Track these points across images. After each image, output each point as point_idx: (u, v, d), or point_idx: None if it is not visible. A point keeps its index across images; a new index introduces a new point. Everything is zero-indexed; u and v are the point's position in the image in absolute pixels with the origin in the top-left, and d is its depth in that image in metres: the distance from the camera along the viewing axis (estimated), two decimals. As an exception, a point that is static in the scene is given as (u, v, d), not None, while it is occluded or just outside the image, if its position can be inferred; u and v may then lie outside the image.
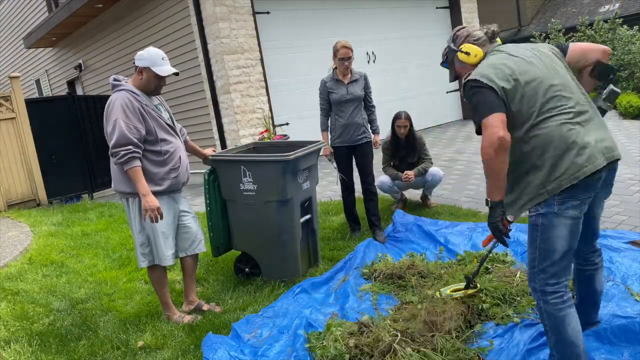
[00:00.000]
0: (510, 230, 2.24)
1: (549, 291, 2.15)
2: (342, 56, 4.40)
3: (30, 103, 8.30)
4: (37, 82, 14.26)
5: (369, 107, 4.61)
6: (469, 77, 2.24)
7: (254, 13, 7.96)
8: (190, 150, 3.59)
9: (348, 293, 3.39)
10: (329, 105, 4.52)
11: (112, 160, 3.10)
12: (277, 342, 2.87)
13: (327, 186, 6.71)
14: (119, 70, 10.14)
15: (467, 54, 2.36)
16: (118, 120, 3.02)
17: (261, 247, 3.80)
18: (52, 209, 7.43)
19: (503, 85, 2.14)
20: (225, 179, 3.75)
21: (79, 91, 12.06)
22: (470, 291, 3.01)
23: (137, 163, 3.04)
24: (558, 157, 2.08)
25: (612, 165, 2.15)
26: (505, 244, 2.26)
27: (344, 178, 4.50)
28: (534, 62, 2.22)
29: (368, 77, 4.61)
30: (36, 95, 14.26)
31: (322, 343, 2.68)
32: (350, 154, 4.53)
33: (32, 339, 3.23)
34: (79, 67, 11.64)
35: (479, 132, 2.18)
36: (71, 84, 12.57)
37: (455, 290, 3.07)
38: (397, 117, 5.07)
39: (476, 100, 2.18)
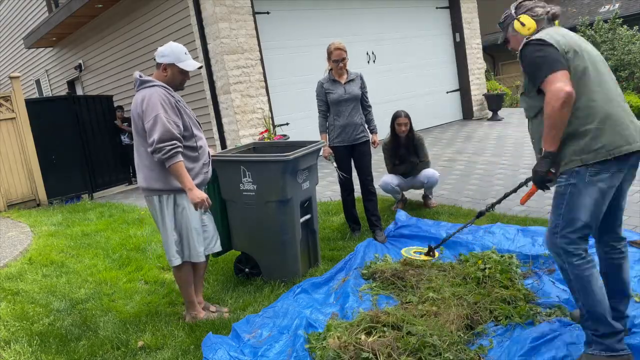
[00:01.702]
0: (552, 180, 2.35)
1: (576, 254, 2.26)
2: (336, 58, 4.42)
3: (30, 103, 8.31)
4: (37, 82, 14.26)
5: (365, 107, 4.62)
6: (530, 39, 2.33)
7: (254, 13, 7.96)
8: None
9: (348, 293, 3.38)
10: (327, 107, 4.52)
11: (155, 156, 2.96)
12: (277, 343, 2.87)
13: (327, 186, 6.71)
14: (119, 70, 10.15)
15: (523, 24, 2.48)
16: (159, 116, 2.95)
17: (261, 247, 3.80)
18: (52, 209, 7.43)
19: (563, 47, 2.25)
20: (225, 179, 3.74)
21: (79, 91, 12.06)
22: (424, 257, 3.63)
23: (181, 158, 2.99)
24: (600, 130, 2.20)
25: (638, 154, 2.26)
26: (545, 189, 2.40)
27: (345, 176, 4.50)
28: (587, 45, 2.38)
29: (364, 77, 4.64)
30: (36, 95, 14.25)
31: (322, 344, 2.68)
32: (349, 153, 4.53)
33: (32, 339, 3.22)
34: (79, 67, 11.65)
35: (540, 90, 2.27)
36: (71, 84, 12.57)
37: (416, 252, 3.71)
38: (396, 116, 5.07)
39: (540, 56, 2.25)
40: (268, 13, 8.25)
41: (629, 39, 11.67)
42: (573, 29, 13.00)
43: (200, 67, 3.25)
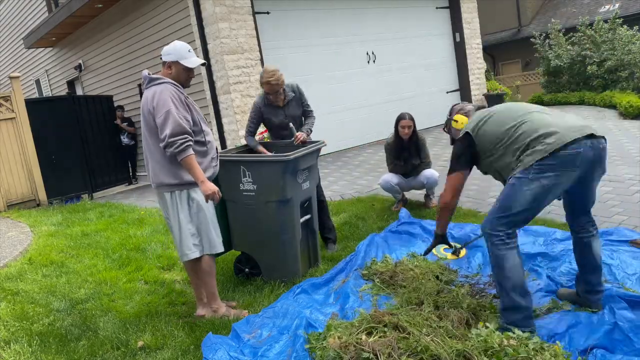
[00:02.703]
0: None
1: (495, 235, 2.63)
2: (268, 92, 4.12)
3: (30, 103, 8.31)
4: (37, 82, 14.25)
5: (306, 115, 4.35)
6: (459, 135, 2.95)
7: (254, 13, 7.96)
8: None
9: (348, 294, 3.38)
10: (257, 127, 4.27)
11: (168, 150, 3.02)
12: (277, 343, 2.86)
13: (327, 186, 6.71)
14: (119, 70, 10.14)
15: (456, 121, 3.13)
16: (170, 111, 3.02)
17: (261, 247, 3.80)
18: (52, 209, 7.43)
19: (474, 130, 2.81)
20: (225, 178, 3.74)
21: (79, 91, 12.06)
22: (450, 256, 3.67)
23: (192, 151, 3.06)
24: (535, 139, 2.60)
25: (591, 142, 2.54)
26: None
27: None
28: (503, 106, 2.92)
29: (300, 87, 4.35)
30: (36, 95, 14.25)
31: (322, 344, 2.68)
32: None
33: (32, 339, 3.22)
34: (78, 67, 11.64)
35: (472, 158, 2.91)
36: (71, 84, 12.57)
37: (445, 249, 3.67)
38: (401, 118, 5.07)
39: (454, 152, 2.94)
40: (268, 13, 8.25)
41: (629, 39, 11.64)
42: (573, 29, 13.00)
43: (204, 64, 3.32)
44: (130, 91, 9.88)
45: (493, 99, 10.96)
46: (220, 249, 3.32)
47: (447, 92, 11.05)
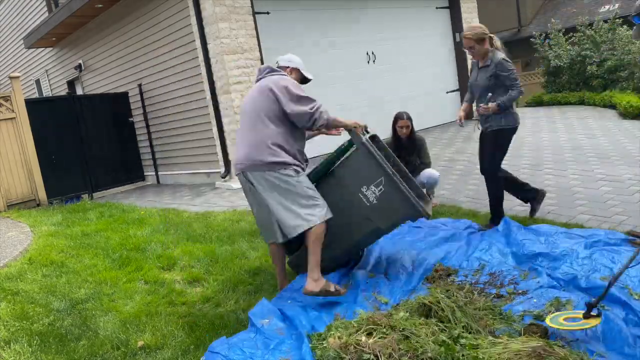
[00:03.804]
0: None
1: None
2: (464, 46, 4.45)
3: (30, 103, 8.31)
4: (37, 82, 14.25)
5: (510, 87, 4.44)
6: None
7: (254, 13, 7.95)
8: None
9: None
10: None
11: (315, 117, 3.32)
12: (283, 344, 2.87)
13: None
14: (119, 70, 10.14)
15: None
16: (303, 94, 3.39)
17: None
18: (52, 209, 7.43)
19: None
20: (353, 170, 3.48)
21: (79, 91, 12.05)
22: (592, 321, 2.45)
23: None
24: None
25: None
26: None
27: None
28: None
29: (505, 65, 4.35)
30: (36, 95, 14.24)
31: (323, 344, 2.68)
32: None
33: (32, 339, 3.22)
34: (79, 67, 11.64)
35: None
36: (71, 84, 12.56)
37: (567, 318, 2.55)
38: (398, 118, 5.06)
39: None
40: (268, 13, 8.25)
41: (629, 39, 11.65)
42: (573, 29, 13.00)
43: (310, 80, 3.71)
44: (130, 91, 9.87)
45: (493, 99, 10.95)
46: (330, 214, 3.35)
47: (447, 92, 11.05)
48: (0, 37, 15.69)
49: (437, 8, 10.91)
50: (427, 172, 5.11)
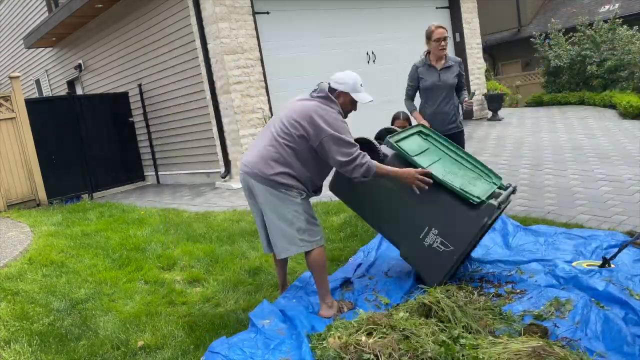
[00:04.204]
0: None
1: None
2: (438, 36, 4.20)
3: (30, 103, 8.31)
4: (37, 82, 14.25)
5: (461, 87, 4.47)
6: None
7: (254, 13, 7.96)
8: None
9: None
10: (415, 91, 4.44)
11: (352, 168, 3.03)
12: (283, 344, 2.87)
13: (326, 186, 6.71)
14: (119, 70, 10.14)
15: None
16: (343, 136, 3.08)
17: None
18: (52, 209, 7.43)
19: None
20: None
21: (79, 91, 12.05)
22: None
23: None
24: None
25: None
26: None
27: None
28: None
29: (462, 64, 4.47)
30: (36, 95, 14.24)
31: (322, 344, 2.68)
32: None
33: (32, 339, 3.22)
34: (78, 67, 11.64)
35: None
36: (71, 84, 12.56)
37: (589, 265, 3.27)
38: (395, 118, 5.04)
39: None
40: (268, 13, 8.25)
41: (629, 39, 11.65)
42: (573, 29, 13.00)
43: (371, 101, 3.25)
44: (130, 91, 9.88)
45: (493, 99, 10.96)
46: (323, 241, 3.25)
47: (447, 92, 11.05)
48: (0, 37, 15.69)
49: (437, 8, 10.91)
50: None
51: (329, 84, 3.23)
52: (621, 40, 11.75)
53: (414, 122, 5.15)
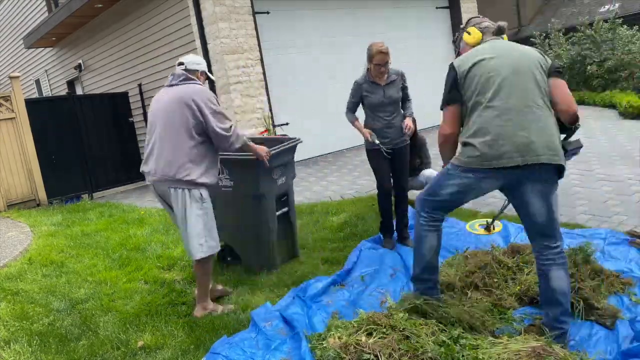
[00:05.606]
0: None
1: (422, 214, 2.77)
2: (378, 62, 4.06)
3: (30, 103, 8.31)
4: (37, 82, 14.25)
5: (407, 98, 4.43)
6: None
7: (254, 13, 7.96)
8: None
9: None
10: (356, 106, 4.30)
11: (232, 140, 3.25)
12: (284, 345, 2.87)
13: (327, 186, 6.72)
14: (119, 70, 10.14)
15: (469, 34, 2.82)
16: (221, 109, 3.34)
17: (239, 238, 4.05)
18: (52, 209, 7.43)
19: (461, 73, 2.65)
20: None
21: (79, 91, 12.06)
22: (482, 232, 3.88)
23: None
24: (479, 144, 2.50)
25: (531, 168, 2.48)
26: None
27: (387, 151, 4.20)
28: (501, 58, 2.58)
29: (405, 74, 4.43)
30: (36, 95, 14.25)
31: (322, 344, 2.68)
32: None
33: (32, 339, 3.23)
34: (78, 67, 11.64)
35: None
36: (71, 84, 12.57)
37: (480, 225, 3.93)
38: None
39: (446, 82, 2.80)
40: (268, 13, 8.25)
41: (629, 39, 11.64)
42: (573, 29, 12.99)
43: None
44: (130, 91, 9.87)
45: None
46: (218, 248, 3.43)
47: (447, 92, 11.05)
48: (0, 37, 15.70)
49: (437, 8, 10.91)
50: (428, 172, 5.12)
51: (184, 67, 3.30)
52: (621, 40, 11.74)
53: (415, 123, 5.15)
